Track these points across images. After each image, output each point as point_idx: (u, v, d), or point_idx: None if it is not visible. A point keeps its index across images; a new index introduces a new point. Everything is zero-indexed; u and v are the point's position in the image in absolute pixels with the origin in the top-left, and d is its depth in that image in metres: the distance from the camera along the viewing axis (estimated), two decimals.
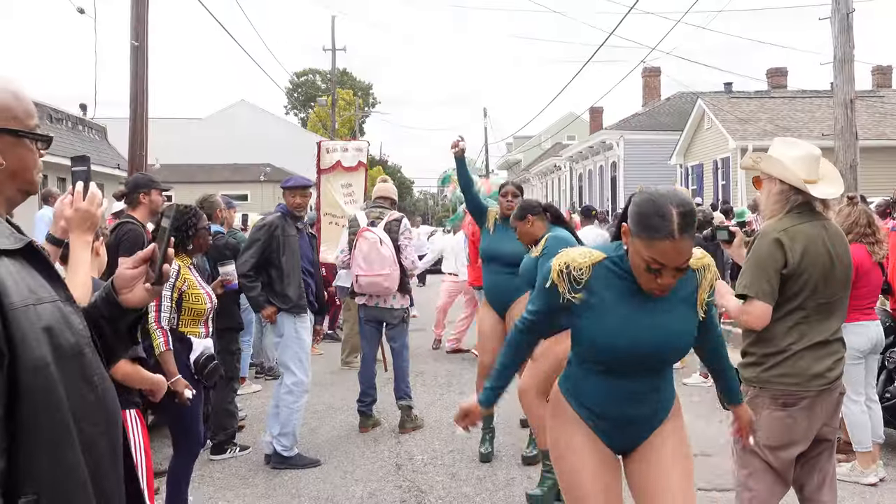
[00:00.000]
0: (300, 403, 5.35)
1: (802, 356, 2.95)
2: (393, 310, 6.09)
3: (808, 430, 2.99)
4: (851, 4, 10.05)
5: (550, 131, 48.23)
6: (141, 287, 1.67)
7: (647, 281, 2.25)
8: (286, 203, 5.59)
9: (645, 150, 28.75)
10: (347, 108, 45.32)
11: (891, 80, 29.23)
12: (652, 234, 2.15)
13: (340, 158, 8.22)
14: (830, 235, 3.02)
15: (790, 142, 3.20)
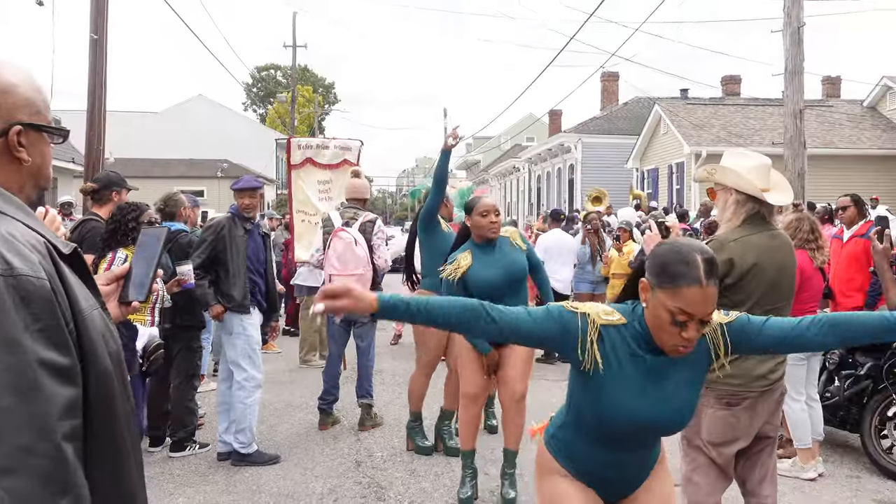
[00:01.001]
0: (253, 399, 5.38)
1: (747, 358, 3.10)
2: None
3: (750, 427, 3.16)
4: (802, 19, 10.40)
5: (510, 133, 48.56)
6: (114, 304, 1.69)
7: (670, 337, 2.08)
8: (238, 203, 5.62)
9: (602, 154, 29.15)
10: (307, 106, 45.09)
11: (840, 90, 30.07)
12: (678, 281, 2.02)
13: (312, 156, 8.14)
14: (779, 245, 3.18)
15: (742, 152, 3.36)
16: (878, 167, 23.00)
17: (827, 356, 5.66)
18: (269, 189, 41.22)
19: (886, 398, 5.25)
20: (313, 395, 7.42)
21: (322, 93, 55.39)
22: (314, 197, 8.12)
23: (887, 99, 25.77)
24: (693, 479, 3.23)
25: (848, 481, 5.08)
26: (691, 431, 3.21)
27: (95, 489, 1.14)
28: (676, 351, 2.10)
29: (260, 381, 5.48)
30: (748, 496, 3.33)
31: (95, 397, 1.15)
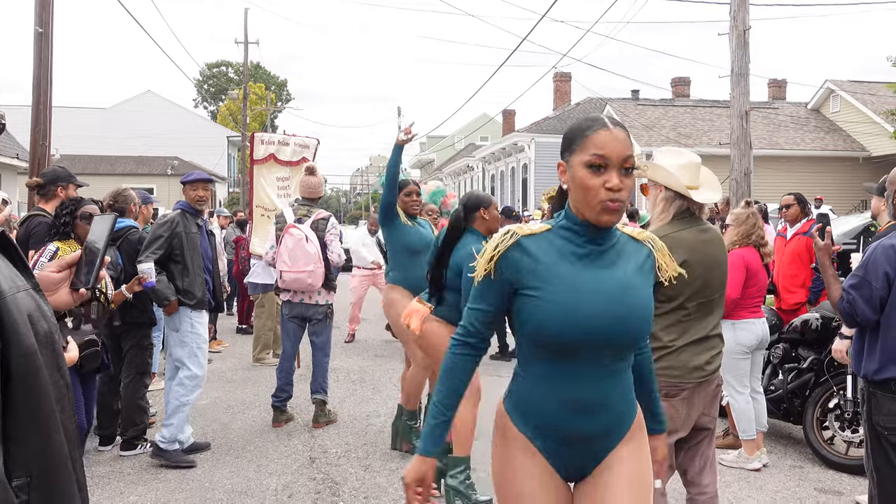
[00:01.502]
0: (191, 398, 5.33)
1: (684, 350, 3.18)
2: (317, 306, 6.14)
3: (688, 418, 3.25)
4: (748, 22, 10.66)
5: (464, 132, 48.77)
6: (65, 291, 1.70)
7: (594, 194, 1.94)
8: (186, 198, 5.57)
9: (555, 153, 28.70)
10: (260, 103, 44.61)
11: (785, 92, 30.87)
12: (585, 132, 1.99)
13: (275, 152, 8.13)
14: (709, 239, 3.27)
15: (674, 151, 3.44)
16: (821, 168, 23.67)
17: (771, 350, 5.82)
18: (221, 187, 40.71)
19: (827, 391, 5.42)
20: (267, 392, 7.39)
21: (275, 90, 54.86)
22: (273, 193, 8.12)
23: (830, 102, 26.53)
24: None
25: (791, 471, 5.24)
26: None
27: (21, 458, 1.19)
28: (607, 211, 1.94)
29: (201, 380, 5.41)
30: (689, 486, 3.41)
31: (17, 375, 1.19)
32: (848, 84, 25.89)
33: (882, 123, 22.54)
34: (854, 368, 3.50)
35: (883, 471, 3.31)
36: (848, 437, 5.26)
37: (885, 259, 3.23)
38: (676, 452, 3.36)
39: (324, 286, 6.09)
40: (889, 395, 3.26)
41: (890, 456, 3.27)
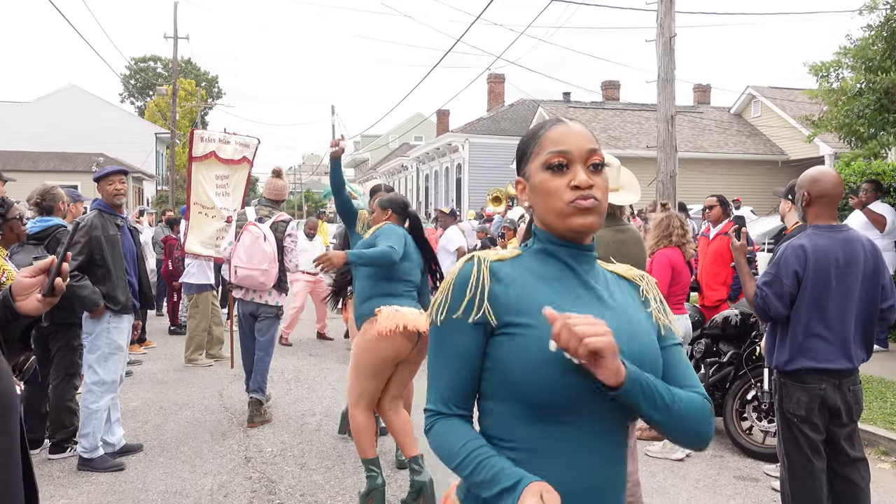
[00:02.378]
0: (101, 404, 5.19)
1: None
2: (267, 306, 6.21)
3: None
4: (674, 30, 11.03)
5: (398, 131, 48.77)
6: (35, 297, 1.70)
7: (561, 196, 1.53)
8: (103, 195, 5.35)
9: (489, 154, 29.75)
10: (189, 99, 43.74)
11: (709, 97, 31.89)
12: (539, 133, 1.62)
13: (216, 149, 8.00)
14: (626, 239, 3.45)
15: None
16: (743, 170, 24.55)
17: (693, 346, 6.08)
18: (149, 184, 39.79)
19: (746, 383, 5.69)
20: (200, 393, 7.35)
21: (205, 86, 53.85)
22: (211, 191, 8.01)
23: (752, 107, 27.52)
24: None
25: (712, 460, 5.49)
26: None
27: None
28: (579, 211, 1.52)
29: (112, 385, 5.26)
30: None
31: None
32: (768, 90, 26.90)
33: (799, 128, 23.48)
34: (767, 361, 3.73)
35: (792, 455, 3.53)
36: (765, 426, 5.54)
37: (795, 258, 3.45)
38: None
39: (276, 287, 6.17)
40: (798, 385, 3.48)
41: (799, 441, 3.49)
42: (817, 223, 3.47)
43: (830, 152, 21.38)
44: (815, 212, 3.47)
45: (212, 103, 51.70)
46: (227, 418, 6.46)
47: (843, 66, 9.51)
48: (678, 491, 4.86)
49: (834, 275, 3.39)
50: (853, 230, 3.52)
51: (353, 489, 4.76)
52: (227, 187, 8.04)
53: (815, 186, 3.44)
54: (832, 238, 3.42)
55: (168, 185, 35.40)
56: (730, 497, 4.76)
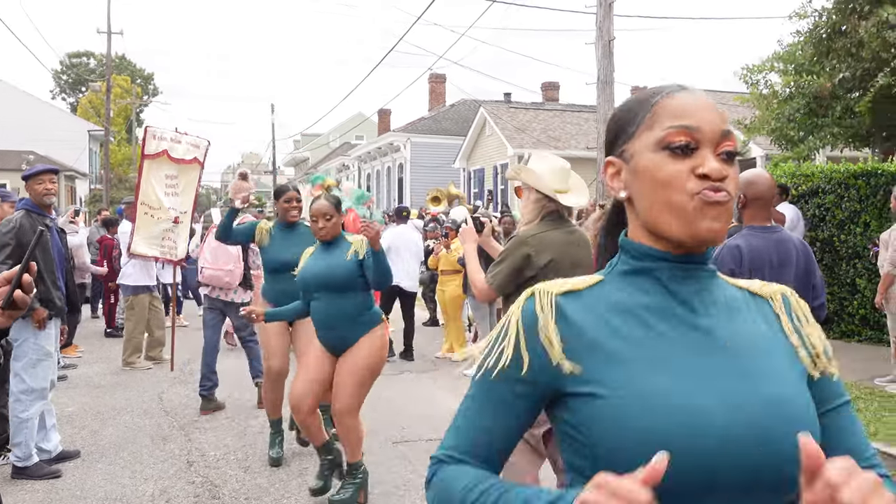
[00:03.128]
0: (31, 412, 5.02)
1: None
2: (234, 304, 6.69)
3: None
4: (612, 33, 11.24)
5: (339, 130, 48.47)
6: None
7: (681, 189, 1.09)
8: (32, 194, 5.19)
9: (431, 153, 29.81)
10: (124, 96, 42.69)
11: None
12: (652, 100, 1.17)
13: (168, 148, 7.84)
14: (574, 240, 3.51)
15: (544, 155, 3.68)
16: None
17: None
18: (82, 183, 38.72)
19: None
20: (139, 397, 7.21)
21: (140, 83, 52.62)
22: (160, 190, 7.87)
23: None
24: (510, 460, 3.49)
25: None
26: None
27: None
28: (708, 207, 1.08)
29: (42, 392, 5.09)
30: (559, 473, 3.65)
31: None
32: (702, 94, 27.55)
33: (732, 131, 24.14)
34: None
35: None
36: None
37: (731, 258, 3.56)
38: (546, 442, 3.58)
39: (241, 285, 6.69)
40: None
41: None
42: (752, 224, 3.60)
43: (762, 154, 22.04)
44: (751, 213, 3.59)
45: (147, 100, 50.54)
46: (168, 422, 6.35)
47: (774, 69, 9.83)
48: None
49: (768, 274, 3.51)
50: (786, 231, 3.66)
51: (297, 491, 4.74)
52: (177, 187, 7.93)
53: (751, 189, 3.56)
54: (766, 239, 3.54)
55: (102, 184, 34.47)
56: None
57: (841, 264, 9.30)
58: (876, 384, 7.14)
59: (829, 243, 9.40)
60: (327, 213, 4.34)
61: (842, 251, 9.33)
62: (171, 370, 8.33)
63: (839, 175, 9.45)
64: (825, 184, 9.55)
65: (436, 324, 11.72)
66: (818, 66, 8.86)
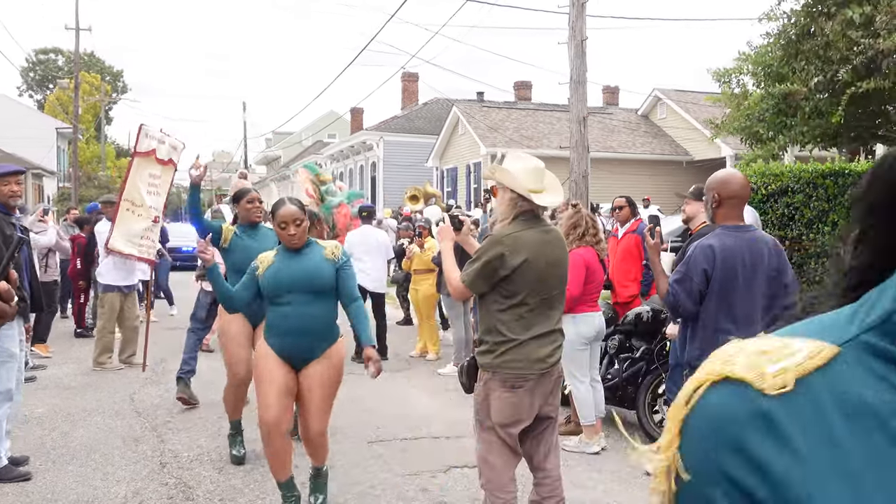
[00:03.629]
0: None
1: (528, 344, 3.43)
2: None
3: (531, 407, 3.50)
4: (585, 33, 11.30)
5: (311, 129, 48.20)
6: None
7: None
8: None
9: (403, 152, 29.77)
10: (93, 93, 42.09)
11: (618, 98, 32.75)
12: None
13: (156, 148, 7.82)
14: (550, 240, 3.54)
15: (519, 155, 3.70)
16: (650, 170, 25.34)
17: (607, 342, 6.26)
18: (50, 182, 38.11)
19: (657, 377, 5.91)
20: (110, 398, 7.12)
21: (110, 80, 51.93)
22: (143, 189, 7.85)
23: (658, 109, 28.42)
24: (488, 460, 3.52)
25: (626, 453, 5.64)
26: (482, 415, 3.50)
27: None
28: None
29: (7, 394, 4.98)
30: (535, 471, 3.68)
31: None
32: (673, 93, 27.83)
33: (702, 130, 24.43)
34: (679, 356, 3.88)
35: None
36: None
37: (704, 257, 3.60)
38: (522, 440, 3.61)
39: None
40: None
41: None
42: (725, 223, 3.64)
43: (731, 153, 22.31)
44: (724, 213, 3.63)
45: (116, 98, 49.89)
46: (140, 423, 6.28)
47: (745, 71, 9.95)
48: (595, 483, 5.00)
49: (741, 273, 3.56)
50: (759, 231, 3.71)
51: (273, 492, 4.69)
52: (158, 187, 7.93)
53: (725, 188, 3.60)
54: (739, 238, 3.59)
55: (70, 183, 33.96)
56: (644, 488, 4.93)
57: (810, 262, 9.45)
58: None
59: (798, 242, 9.55)
60: (297, 218, 4.03)
61: (811, 250, 9.48)
62: (142, 371, 8.23)
63: (808, 175, 9.61)
64: (794, 183, 9.70)
65: (409, 323, 11.70)
66: (787, 69, 8.98)
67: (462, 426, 6.22)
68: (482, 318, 3.56)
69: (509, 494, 3.52)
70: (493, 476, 3.51)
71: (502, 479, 3.51)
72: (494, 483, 3.51)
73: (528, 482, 3.85)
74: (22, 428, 6.01)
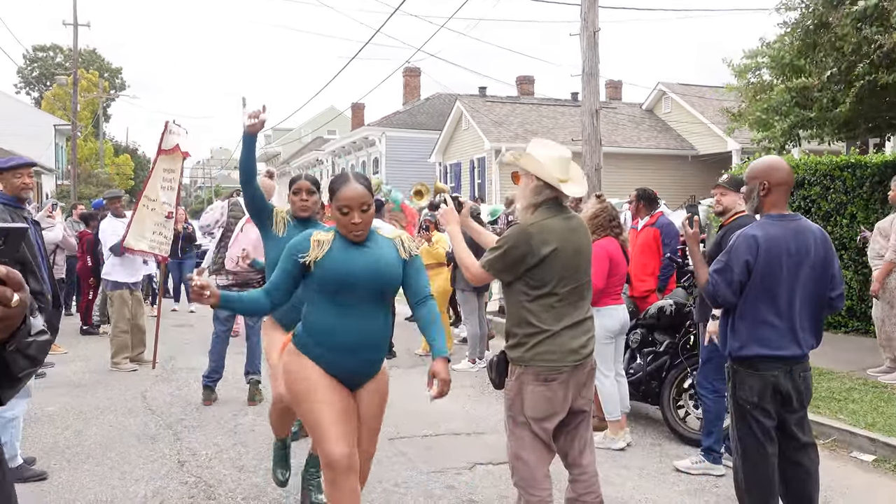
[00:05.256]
0: (16, 411, 4.82)
1: (560, 335, 3.32)
2: None
3: (566, 401, 3.38)
4: (598, 24, 11.16)
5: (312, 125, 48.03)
6: None
7: None
8: (8, 187, 5.03)
9: (406, 148, 29.64)
10: (91, 90, 41.90)
11: (622, 93, 32.61)
12: None
13: (179, 143, 7.75)
14: (575, 227, 3.44)
15: (546, 143, 3.58)
16: (655, 165, 25.24)
17: (630, 336, 6.14)
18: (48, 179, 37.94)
19: (682, 372, 5.79)
20: (121, 395, 7.01)
21: (108, 77, 51.73)
22: (158, 184, 7.80)
23: (662, 103, 28.30)
24: (521, 456, 3.40)
25: (652, 448, 5.56)
26: (515, 410, 3.39)
27: None
28: None
29: (26, 390, 4.85)
30: (571, 467, 3.56)
31: None
32: (678, 87, 27.71)
33: (707, 124, 24.32)
34: (720, 347, 3.77)
35: (745, 441, 3.58)
36: (700, 414, 5.65)
37: (746, 248, 3.48)
38: (556, 436, 3.49)
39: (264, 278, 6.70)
40: (750, 372, 3.53)
41: (752, 427, 3.54)
42: (771, 212, 3.52)
43: (738, 147, 22.20)
44: (772, 200, 3.51)
45: (115, 94, 49.68)
46: (154, 421, 6.16)
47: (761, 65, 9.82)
48: (623, 480, 4.89)
49: (785, 264, 3.45)
50: (805, 220, 3.59)
51: (296, 490, 4.58)
52: (173, 182, 7.89)
53: (773, 176, 3.48)
54: (784, 227, 3.47)
55: (69, 180, 33.79)
56: (673, 484, 4.83)
57: None
58: (868, 375, 7.16)
59: None
60: (365, 202, 3.15)
61: None
62: (152, 368, 8.11)
63: (824, 167, 9.49)
64: (810, 175, 9.58)
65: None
66: (803, 61, 8.85)
67: (482, 422, 6.11)
68: (509, 310, 3.44)
69: (544, 491, 3.41)
70: (527, 473, 3.40)
71: (536, 476, 3.40)
72: (528, 480, 3.39)
73: (563, 480, 3.73)
74: (34, 426, 5.90)
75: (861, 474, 5.06)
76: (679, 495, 4.65)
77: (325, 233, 3.26)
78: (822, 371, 7.29)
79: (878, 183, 8.86)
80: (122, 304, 8.30)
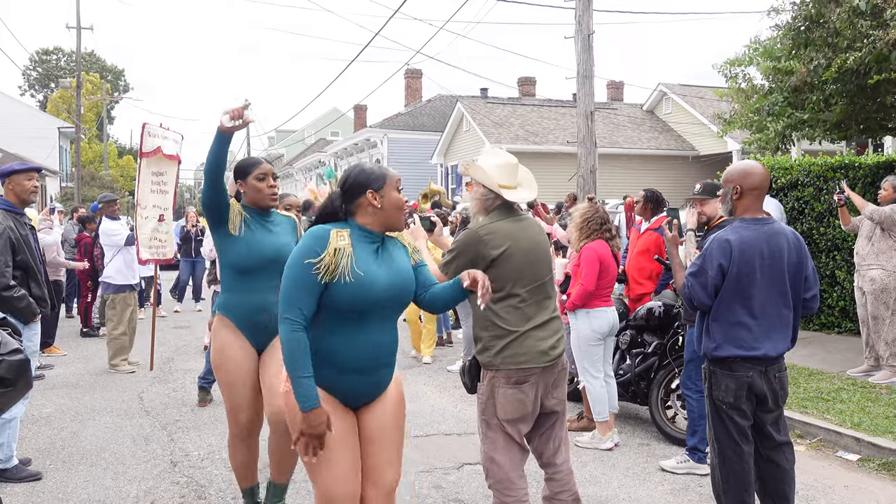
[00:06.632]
0: (14, 412, 4.88)
1: (528, 336, 3.38)
2: None
3: (537, 402, 3.45)
4: (592, 27, 11.22)
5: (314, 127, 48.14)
6: None
7: None
8: (16, 190, 5.09)
9: (408, 149, 29.72)
10: (95, 93, 42.08)
11: (622, 94, 32.65)
12: None
13: (161, 145, 7.69)
14: (525, 226, 3.52)
15: (494, 152, 3.70)
16: (656, 165, 25.29)
17: (619, 337, 6.20)
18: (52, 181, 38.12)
19: (670, 373, 5.85)
20: (118, 397, 7.09)
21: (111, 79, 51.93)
22: (146, 188, 7.69)
23: (663, 104, 28.33)
24: (495, 459, 3.46)
25: (640, 449, 5.62)
26: (488, 413, 3.44)
27: None
28: None
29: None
30: (546, 466, 3.62)
31: None
32: (679, 87, 27.73)
33: (708, 124, 24.35)
34: (696, 348, 3.83)
35: (722, 441, 3.64)
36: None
37: (720, 251, 3.54)
38: (531, 438, 3.56)
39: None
40: (726, 372, 3.59)
41: (728, 427, 3.60)
42: (745, 216, 3.58)
43: (738, 148, 22.22)
44: (745, 204, 3.57)
45: (118, 97, 49.89)
46: (150, 422, 6.24)
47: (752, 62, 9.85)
48: (609, 479, 4.95)
49: (759, 266, 3.50)
50: (778, 223, 3.64)
51: (289, 493, 4.65)
52: (165, 185, 7.78)
53: (747, 180, 3.54)
54: (758, 231, 3.53)
55: (73, 182, 33.94)
56: (658, 484, 4.88)
57: (820, 257, 9.38)
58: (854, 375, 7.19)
59: (809, 236, 9.47)
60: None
61: (821, 244, 9.40)
62: (150, 370, 8.20)
63: (818, 168, 9.53)
64: (804, 177, 9.62)
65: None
66: (795, 60, 8.88)
67: (474, 423, 6.17)
68: (475, 315, 3.50)
69: (520, 491, 3.45)
70: (501, 475, 3.45)
71: (510, 477, 3.45)
72: (503, 483, 3.44)
73: (539, 477, 3.79)
74: (30, 427, 5.99)
75: (845, 474, 5.12)
76: (662, 494, 4.71)
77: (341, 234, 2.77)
78: (812, 371, 7.34)
79: (870, 184, 8.89)
80: (126, 307, 8.38)
